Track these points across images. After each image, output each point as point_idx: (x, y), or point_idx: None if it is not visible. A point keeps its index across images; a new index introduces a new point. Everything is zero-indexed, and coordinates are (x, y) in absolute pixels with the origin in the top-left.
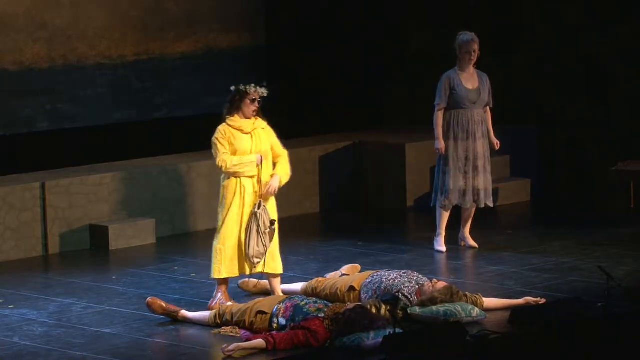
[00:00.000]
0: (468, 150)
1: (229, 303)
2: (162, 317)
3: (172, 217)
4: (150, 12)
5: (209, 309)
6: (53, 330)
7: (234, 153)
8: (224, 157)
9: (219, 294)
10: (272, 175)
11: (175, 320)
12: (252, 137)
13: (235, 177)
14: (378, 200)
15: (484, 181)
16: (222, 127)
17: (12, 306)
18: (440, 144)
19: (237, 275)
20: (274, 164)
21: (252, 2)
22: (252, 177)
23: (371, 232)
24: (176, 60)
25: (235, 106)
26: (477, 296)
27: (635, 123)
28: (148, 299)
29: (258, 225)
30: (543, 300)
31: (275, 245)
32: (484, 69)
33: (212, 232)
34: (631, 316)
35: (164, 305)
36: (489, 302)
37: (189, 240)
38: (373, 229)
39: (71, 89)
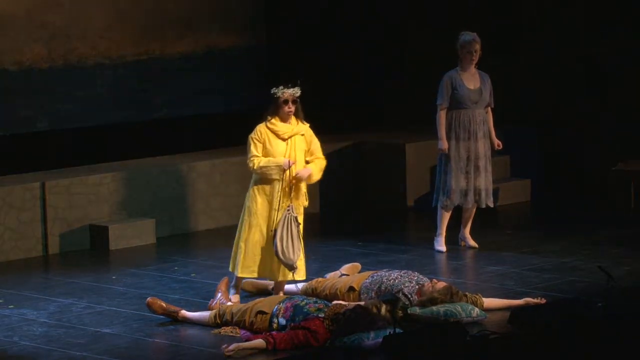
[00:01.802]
0: (469, 150)
1: (229, 303)
2: (162, 317)
3: (172, 217)
4: (150, 12)
5: (209, 309)
6: (53, 330)
7: (267, 156)
8: (254, 159)
9: (219, 294)
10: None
11: (175, 320)
12: (287, 143)
13: (265, 180)
14: (378, 200)
15: (485, 181)
16: (260, 127)
17: (12, 306)
18: (444, 144)
19: (257, 277)
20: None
21: (252, 2)
22: (277, 180)
23: (371, 232)
24: (176, 60)
25: (272, 109)
26: (477, 296)
27: (636, 123)
28: (148, 299)
29: (297, 230)
30: (543, 301)
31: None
32: (484, 69)
33: (211, 232)
34: (631, 316)
35: (164, 305)
36: (489, 302)
37: (189, 240)
38: (373, 229)
39: (71, 89)
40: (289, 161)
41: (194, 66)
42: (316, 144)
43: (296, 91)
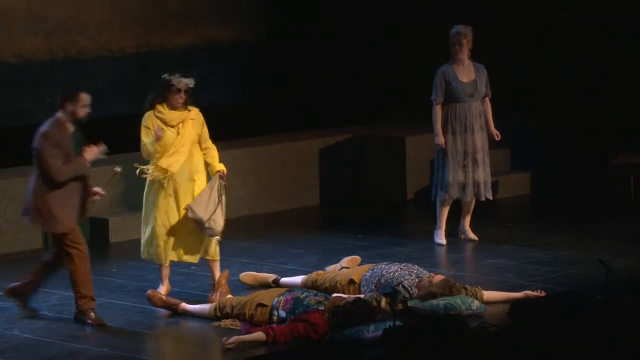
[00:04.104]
0: (466, 144)
1: (229, 296)
2: (162, 309)
3: None
4: (150, 5)
5: (209, 302)
6: (53, 322)
7: (160, 145)
8: (144, 146)
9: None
10: (217, 172)
11: (176, 313)
12: (177, 130)
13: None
14: (378, 194)
15: (483, 174)
16: (148, 115)
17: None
18: (440, 139)
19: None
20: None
21: None
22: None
23: (371, 225)
24: (176, 53)
25: (161, 96)
26: (476, 289)
27: (636, 116)
28: (148, 291)
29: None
30: (543, 294)
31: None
32: (484, 61)
33: None
34: (630, 309)
35: (164, 298)
36: (489, 294)
37: None
38: (373, 222)
39: (71, 82)
40: (158, 128)
41: (194, 59)
42: (205, 128)
43: (191, 82)
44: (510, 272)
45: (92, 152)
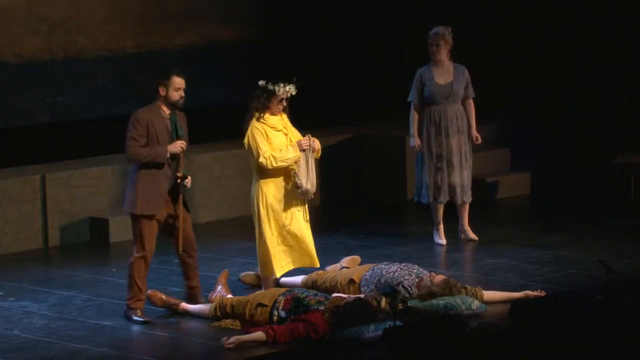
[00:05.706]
0: (441, 147)
1: (229, 296)
2: (162, 309)
3: None
4: (150, 5)
5: (209, 302)
6: (53, 322)
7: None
8: (267, 154)
9: (219, 287)
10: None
11: (176, 312)
12: (284, 133)
13: (270, 172)
14: (378, 193)
15: (459, 177)
16: (256, 125)
17: (12, 298)
18: (416, 141)
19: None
20: None
21: None
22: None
23: (371, 225)
24: (176, 53)
25: (263, 104)
26: (476, 289)
27: (636, 115)
28: (148, 291)
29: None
30: (543, 293)
31: None
32: (484, 62)
33: (212, 225)
34: (630, 309)
35: (164, 297)
36: (489, 294)
37: None
38: (373, 222)
39: (71, 82)
40: (303, 141)
41: (194, 59)
42: None
43: (292, 89)
44: (510, 272)
45: (175, 145)
